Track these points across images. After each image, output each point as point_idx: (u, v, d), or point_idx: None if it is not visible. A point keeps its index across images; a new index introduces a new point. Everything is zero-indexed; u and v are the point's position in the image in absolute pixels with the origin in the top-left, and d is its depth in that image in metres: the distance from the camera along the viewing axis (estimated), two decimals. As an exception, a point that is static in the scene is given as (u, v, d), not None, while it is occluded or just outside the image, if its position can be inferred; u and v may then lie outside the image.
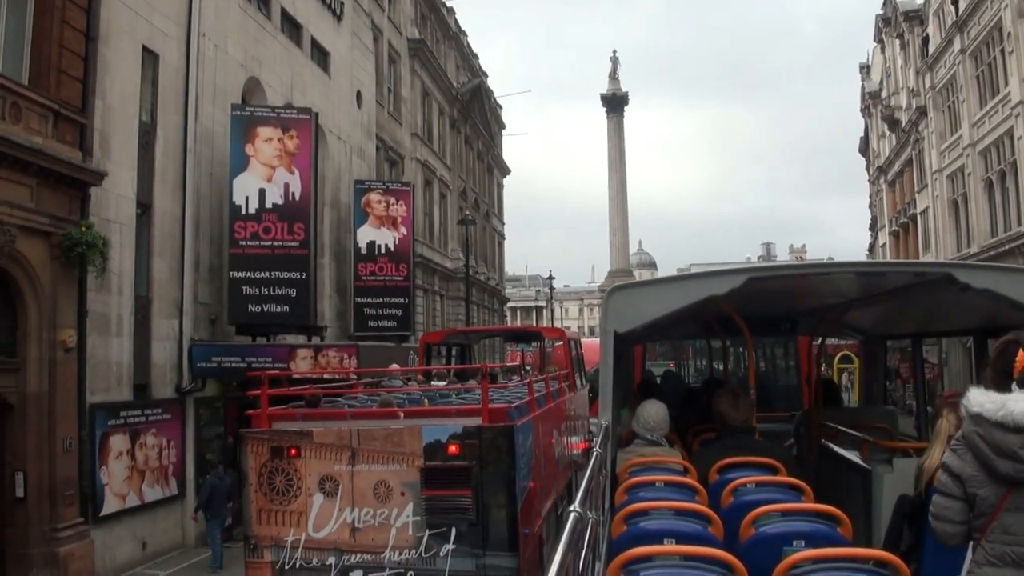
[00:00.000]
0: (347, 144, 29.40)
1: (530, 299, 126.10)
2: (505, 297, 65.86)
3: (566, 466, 12.32)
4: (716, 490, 5.57)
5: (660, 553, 3.99)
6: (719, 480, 5.73)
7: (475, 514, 8.30)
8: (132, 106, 18.10)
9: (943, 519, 3.65)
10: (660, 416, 6.90)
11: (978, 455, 3.51)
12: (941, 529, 3.68)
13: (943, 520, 3.66)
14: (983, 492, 3.48)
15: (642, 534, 4.43)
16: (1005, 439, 3.42)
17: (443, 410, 9.49)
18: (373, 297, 28.55)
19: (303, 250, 21.65)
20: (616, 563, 3.85)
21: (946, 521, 3.64)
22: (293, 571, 8.44)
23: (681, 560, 3.92)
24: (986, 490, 3.46)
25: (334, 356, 20.33)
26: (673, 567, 3.85)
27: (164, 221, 19.19)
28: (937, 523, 3.69)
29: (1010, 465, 3.40)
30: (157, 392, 18.68)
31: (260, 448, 8.61)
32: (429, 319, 38.45)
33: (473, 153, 52.50)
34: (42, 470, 14.77)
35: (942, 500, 3.66)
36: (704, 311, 8.93)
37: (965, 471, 3.55)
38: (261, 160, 21.42)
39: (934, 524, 3.73)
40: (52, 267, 15.09)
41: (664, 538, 4.28)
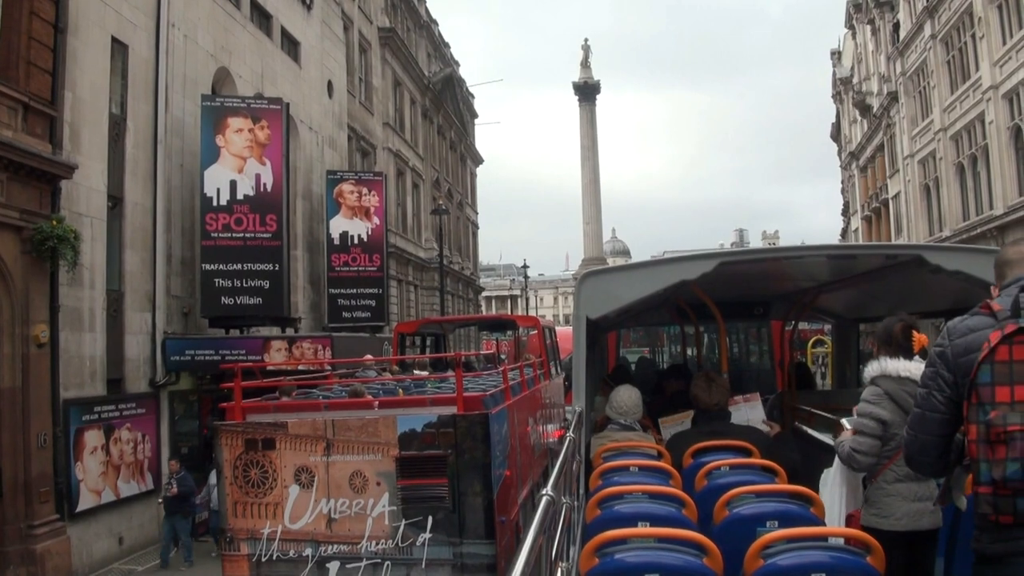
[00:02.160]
0: (318, 134, 29.27)
1: (505, 288, 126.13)
2: (480, 287, 65.86)
3: (542, 454, 12.35)
4: (690, 474, 5.61)
5: (634, 535, 4.02)
6: (693, 464, 5.77)
7: (451, 503, 8.30)
8: (102, 98, 17.93)
9: (864, 454, 4.75)
10: (633, 401, 6.95)
11: (903, 404, 4.64)
12: (862, 461, 4.76)
13: (864, 454, 4.75)
14: (899, 430, 4.43)
15: (616, 517, 4.46)
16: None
17: (418, 399, 9.48)
18: (347, 288, 28.49)
19: (275, 241, 21.56)
20: (590, 546, 3.88)
21: (866, 455, 4.75)
22: (270, 563, 8.42)
23: (655, 542, 3.95)
24: (901, 429, 4.32)
25: (308, 348, 20.30)
26: (647, 549, 3.88)
27: (135, 214, 19.04)
28: (858, 456, 4.75)
29: None
30: (131, 386, 18.55)
31: (234, 441, 8.58)
32: (403, 309, 38.40)
33: (446, 143, 52.39)
34: (17, 467, 14.65)
35: (867, 440, 4.76)
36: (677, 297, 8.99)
37: (889, 417, 4.71)
38: (232, 151, 21.29)
39: (856, 458, 4.76)
40: (23, 262, 14.94)
41: (638, 521, 4.32)
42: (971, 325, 3.28)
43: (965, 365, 3.16)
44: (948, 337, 3.32)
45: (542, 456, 12.32)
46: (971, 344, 3.18)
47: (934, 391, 3.31)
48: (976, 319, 3.29)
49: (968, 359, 3.15)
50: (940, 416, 3.30)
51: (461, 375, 9.02)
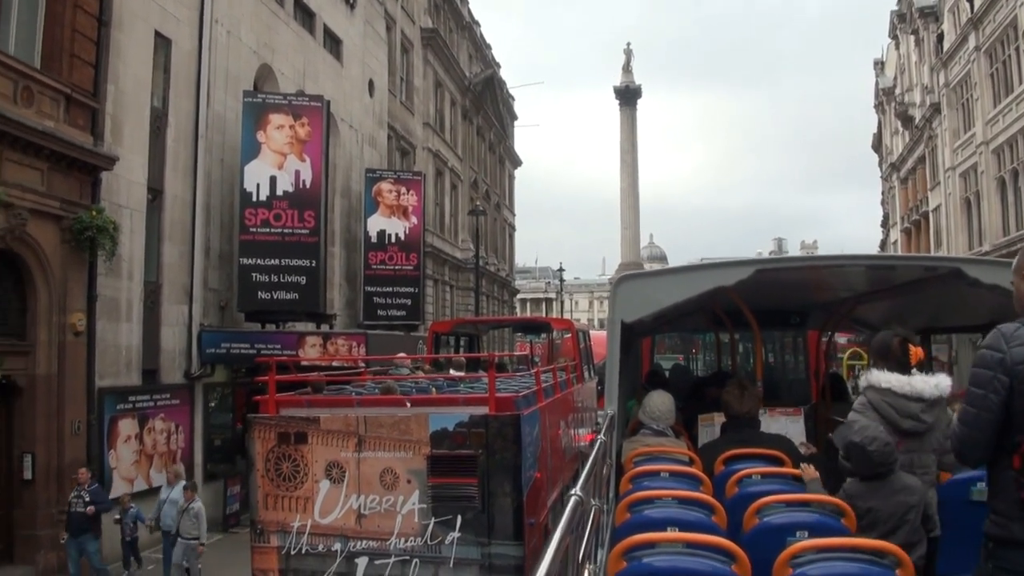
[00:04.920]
0: (359, 132, 29.39)
1: (540, 291, 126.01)
2: (515, 288, 65.83)
3: (572, 457, 12.30)
4: (721, 481, 5.56)
5: (663, 540, 3.98)
6: (724, 471, 5.71)
7: (481, 503, 8.27)
8: (144, 91, 18.13)
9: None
10: (666, 406, 6.88)
11: (886, 416, 5.16)
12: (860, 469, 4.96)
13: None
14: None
15: (645, 522, 4.42)
16: (908, 406, 5.15)
17: (450, 398, 9.47)
18: (383, 286, 28.59)
19: (313, 238, 21.67)
20: (618, 549, 3.84)
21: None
22: (299, 556, 8.44)
23: (684, 547, 3.90)
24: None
25: (343, 344, 20.37)
26: (676, 554, 3.84)
27: (175, 207, 19.22)
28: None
29: (911, 423, 5.16)
30: (166, 377, 18.74)
31: (267, 434, 8.61)
32: (439, 309, 38.48)
33: (485, 144, 52.45)
34: (50, 453, 14.89)
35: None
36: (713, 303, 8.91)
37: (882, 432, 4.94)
38: (272, 147, 21.44)
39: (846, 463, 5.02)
40: (62, 251, 15.16)
41: (668, 526, 4.27)
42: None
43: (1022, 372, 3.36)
44: (1006, 343, 3.46)
45: (573, 459, 12.28)
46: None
47: (990, 393, 3.45)
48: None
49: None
50: (992, 416, 3.45)
51: (494, 375, 9.00)
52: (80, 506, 13.90)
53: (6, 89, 13.91)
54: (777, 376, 13.78)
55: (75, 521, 13.97)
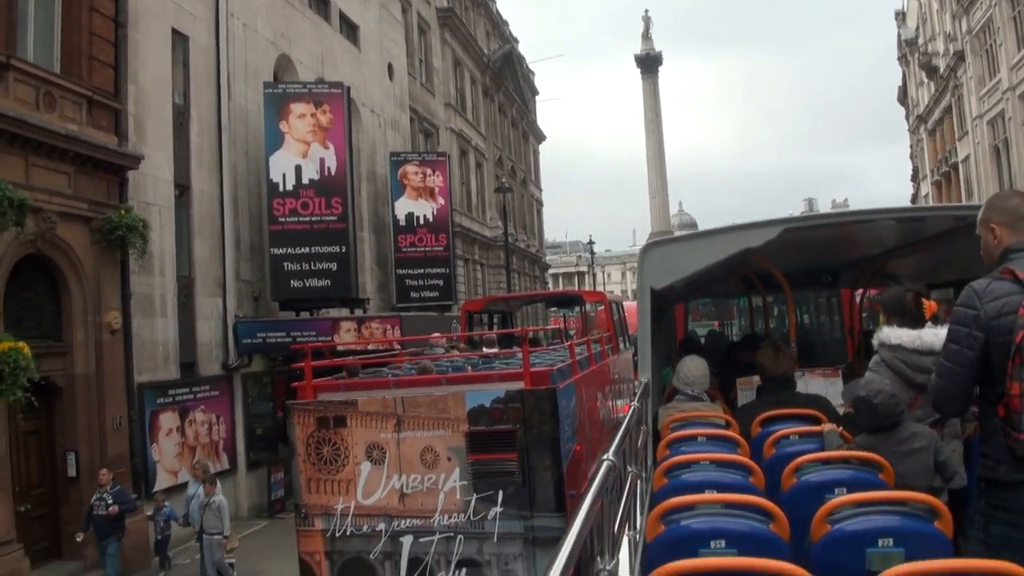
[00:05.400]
0: (381, 117, 29.41)
1: (571, 265, 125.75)
2: (546, 264, 65.77)
3: (612, 428, 12.30)
4: (758, 443, 5.55)
5: (701, 502, 3.99)
6: (761, 433, 5.70)
7: (521, 477, 8.31)
8: (165, 89, 18.23)
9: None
10: (700, 371, 6.86)
11: (900, 372, 5.15)
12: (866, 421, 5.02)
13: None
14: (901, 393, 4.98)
15: (683, 486, 4.43)
16: (920, 360, 5.05)
17: (485, 375, 9.49)
18: (414, 268, 28.69)
19: (342, 224, 21.76)
20: (656, 513, 3.85)
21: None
22: (344, 538, 8.53)
23: (722, 508, 3.91)
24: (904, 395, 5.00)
25: (377, 327, 20.45)
26: (713, 515, 3.85)
27: (203, 201, 19.37)
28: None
29: (924, 377, 4.84)
30: (204, 369, 18.95)
31: (306, 419, 8.69)
32: (470, 288, 38.53)
33: (507, 121, 52.32)
34: (93, 449, 15.11)
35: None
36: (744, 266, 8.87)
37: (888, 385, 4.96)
38: (295, 136, 21.52)
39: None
40: (94, 251, 15.34)
41: (705, 489, 4.28)
42: (996, 291, 3.60)
43: (997, 327, 3.51)
44: (979, 300, 3.62)
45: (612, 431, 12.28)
46: (1002, 309, 3.52)
47: (965, 348, 3.63)
48: (1001, 285, 3.60)
49: (1001, 322, 3.50)
50: (967, 371, 3.64)
51: (528, 350, 9.02)
52: (102, 508, 13.59)
53: (27, 96, 14.02)
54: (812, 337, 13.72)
55: (98, 524, 13.67)
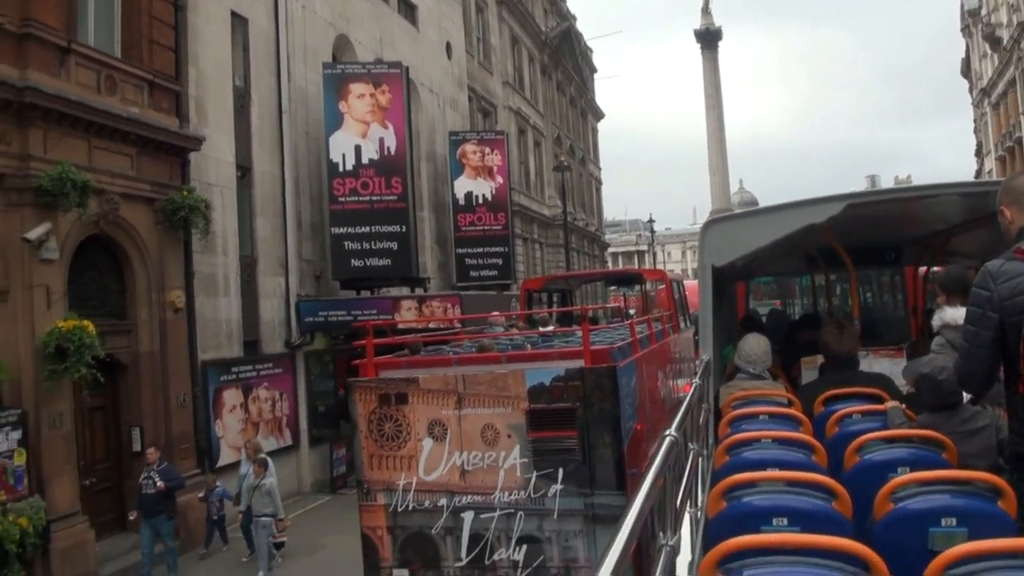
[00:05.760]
0: (439, 96, 29.46)
1: (631, 244, 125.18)
2: (605, 243, 65.55)
3: (672, 408, 12.25)
4: (821, 422, 5.49)
5: (763, 479, 3.95)
6: (824, 411, 5.64)
7: (581, 455, 8.31)
8: (225, 71, 18.44)
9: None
10: (762, 349, 6.79)
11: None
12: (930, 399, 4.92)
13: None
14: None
15: (745, 463, 4.39)
16: None
17: (545, 353, 9.50)
18: (473, 247, 28.80)
19: (402, 203, 21.86)
20: (718, 490, 3.82)
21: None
22: (406, 513, 8.61)
23: (784, 486, 3.88)
24: None
25: (437, 306, 20.54)
26: (776, 493, 3.81)
27: (264, 182, 19.58)
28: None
29: None
30: (267, 347, 19.23)
31: (368, 396, 8.76)
32: (529, 267, 38.53)
33: (566, 99, 52.10)
34: (157, 425, 15.46)
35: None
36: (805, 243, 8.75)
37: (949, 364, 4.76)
38: (355, 116, 21.64)
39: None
40: (157, 232, 15.61)
41: (767, 467, 4.24)
42: (1009, 271, 3.62)
43: (1010, 307, 3.54)
44: (993, 281, 3.65)
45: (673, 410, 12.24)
46: (1015, 289, 3.55)
47: (981, 330, 3.66)
48: (1013, 265, 3.63)
49: (1014, 302, 3.53)
50: (985, 351, 3.66)
51: (588, 328, 9.00)
52: (150, 487, 13.52)
53: (89, 80, 14.24)
54: (875, 316, 13.52)
55: (146, 502, 13.58)
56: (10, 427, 12.29)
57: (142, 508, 13.65)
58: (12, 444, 12.29)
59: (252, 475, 14.24)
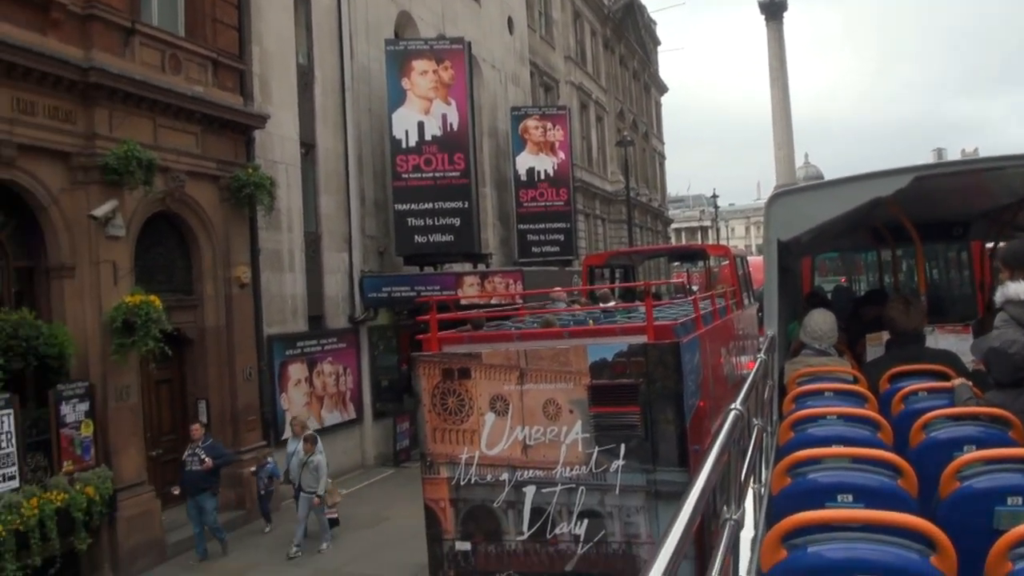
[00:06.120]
0: (501, 72, 29.41)
1: (694, 219, 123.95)
2: (668, 218, 65.15)
3: (735, 385, 12.16)
4: (886, 398, 5.42)
5: (828, 455, 3.92)
6: (889, 388, 5.56)
7: (644, 431, 8.30)
8: (288, 49, 18.58)
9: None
10: (828, 325, 6.70)
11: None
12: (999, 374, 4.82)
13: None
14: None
15: (810, 440, 4.35)
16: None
17: (608, 329, 9.48)
18: (535, 223, 28.79)
19: (464, 179, 21.91)
20: (782, 466, 3.80)
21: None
22: (468, 486, 8.69)
23: (849, 462, 3.84)
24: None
25: (500, 282, 20.57)
26: (841, 469, 3.77)
27: (328, 159, 19.74)
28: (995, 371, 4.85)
29: None
30: (331, 323, 19.45)
31: (432, 371, 8.84)
32: (591, 243, 38.43)
33: (628, 73, 51.69)
34: (223, 398, 15.78)
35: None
36: (872, 217, 8.61)
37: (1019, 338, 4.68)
38: (418, 93, 21.71)
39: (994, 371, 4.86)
40: (222, 208, 15.84)
41: (832, 443, 4.20)
42: None
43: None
44: None
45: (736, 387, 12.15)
46: None
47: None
48: None
49: None
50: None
51: (651, 304, 8.96)
52: (196, 464, 13.47)
53: (153, 59, 14.44)
54: (941, 292, 13.28)
55: (191, 479, 13.52)
56: (77, 399, 12.60)
57: (186, 485, 13.62)
58: (80, 416, 12.60)
59: (301, 452, 14.21)
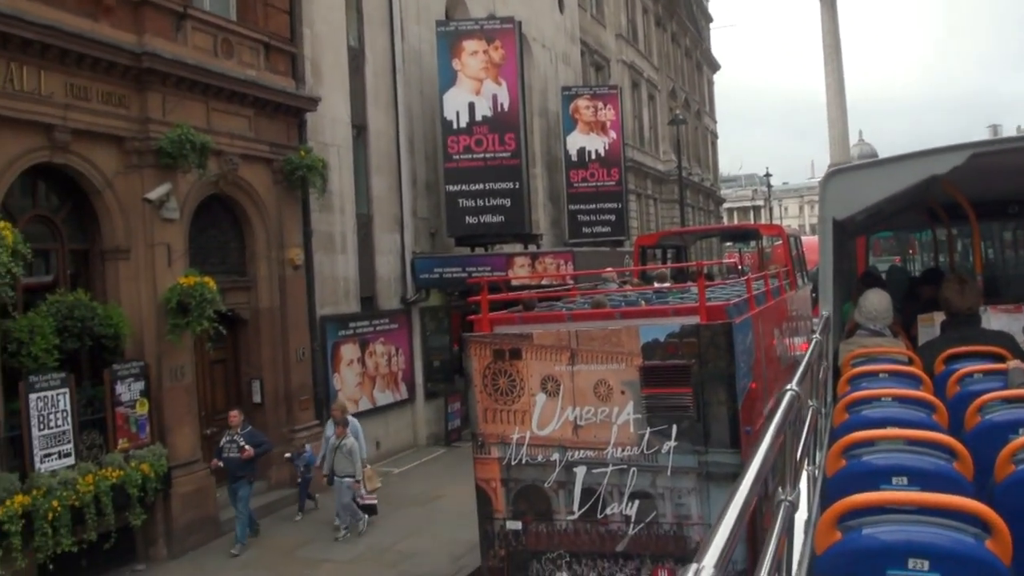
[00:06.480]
0: (551, 51, 29.28)
1: (747, 199, 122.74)
2: (720, 198, 64.59)
3: (788, 367, 12.06)
4: (941, 380, 5.34)
5: (882, 437, 3.88)
6: (945, 370, 5.48)
7: (696, 412, 8.28)
8: (339, 32, 18.64)
9: None
10: (883, 305, 6.61)
11: None
12: None
13: None
14: None
15: (864, 422, 4.30)
16: None
17: (660, 309, 9.46)
18: (586, 203, 28.70)
19: (515, 160, 21.88)
20: (837, 447, 3.77)
21: None
22: (519, 466, 8.73)
23: (904, 445, 3.79)
24: None
25: (550, 262, 20.55)
26: (896, 452, 3.73)
27: (379, 141, 19.81)
28: None
29: None
30: (383, 303, 19.58)
31: (483, 351, 8.88)
32: (643, 223, 38.24)
33: (680, 50, 51.24)
34: (277, 378, 15.99)
35: None
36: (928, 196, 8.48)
37: None
38: (468, 74, 21.68)
39: None
40: (275, 191, 15.99)
41: (887, 425, 4.16)
42: None
43: None
44: None
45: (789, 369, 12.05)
46: None
47: None
48: None
49: None
50: None
51: (703, 284, 8.92)
52: (234, 451, 13.24)
53: (205, 44, 14.56)
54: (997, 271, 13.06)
55: (229, 467, 13.33)
56: (132, 379, 12.82)
57: (226, 472, 13.47)
58: (135, 395, 12.83)
59: (335, 436, 14.08)
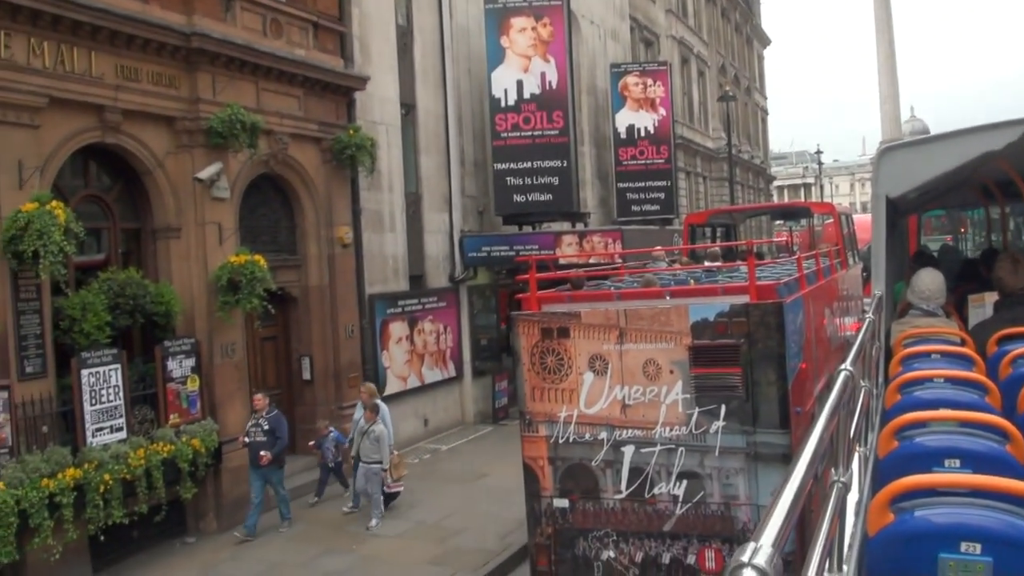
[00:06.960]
0: (600, 28, 29.09)
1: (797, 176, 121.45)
2: (770, 175, 63.91)
3: (839, 347, 11.95)
4: (994, 362, 5.26)
5: (935, 419, 3.83)
6: (998, 351, 5.40)
7: (745, 392, 8.23)
8: (388, 11, 18.65)
9: None
10: (936, 284, 6.52)
11: None
12: None
13: None
14: None
15: (916, 403, 4.26)
16: None
17: (710, 288, 9.41)
18: (635, 181, 28.54)
19: (563, 138, 21.80)
20: (889, 429, 3.73)
21: None
22: (567, 445, 8.75)
23: (957, 427, 3.75)
24: None
25: (598, 241, 20.50)
26: (948, 433, 3.69)
27: (428, 119, 19.85)
28: None
29: None
30: (431, 282, 19.67)
31: (531, 330, 8.90)
32: (692, 201, 37.95)
33: (730, 25, 50.67)
34: (326, 355, 16.15)
35: None
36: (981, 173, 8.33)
37: None
38: (516, 51, 21.62)
39: None
40: (324, 170, 16.10)
41: (940, 407, 4.11)
42: None
43: None
44: None
45: (839, 350, 11.93)
46: None
47: None
48: None
49: None
50: None
51: (753, 263, 8.85)
52: (259, 435, 13.09)
53: (255, 24, 14.67)
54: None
55: (254, 450, 13.08)
56: (183, 355, 13.01)
57: (250, 456, 13.26)
58: (186, 371, 13.02)
59: (364, 420, 13.89)
